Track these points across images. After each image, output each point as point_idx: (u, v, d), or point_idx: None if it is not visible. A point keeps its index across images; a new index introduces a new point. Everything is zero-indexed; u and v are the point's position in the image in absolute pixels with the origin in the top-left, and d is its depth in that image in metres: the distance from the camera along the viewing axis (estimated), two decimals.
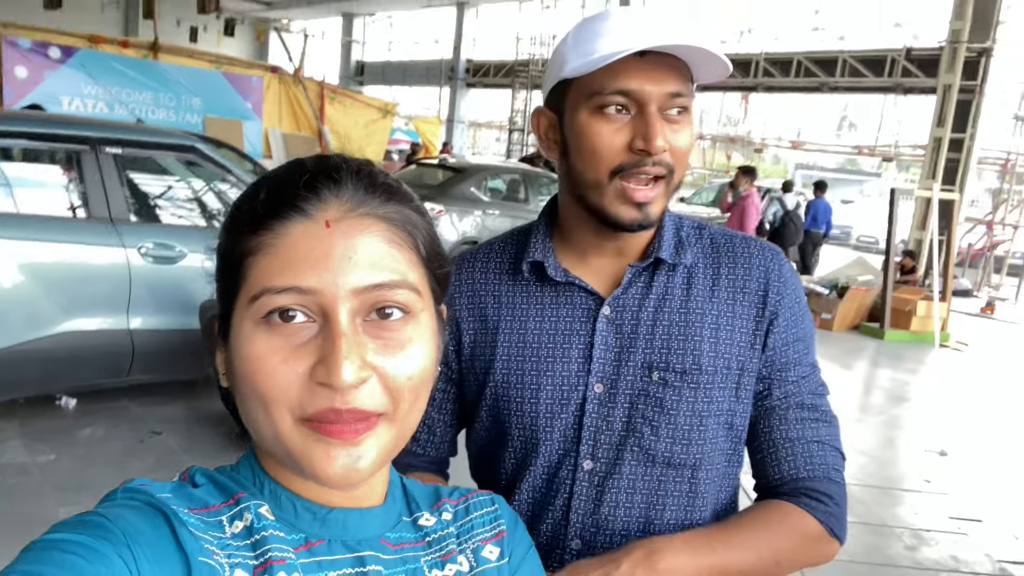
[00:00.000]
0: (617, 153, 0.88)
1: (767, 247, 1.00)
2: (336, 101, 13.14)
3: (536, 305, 0.99)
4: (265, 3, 24.24)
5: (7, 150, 4.00)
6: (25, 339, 3.43)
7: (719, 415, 0.95)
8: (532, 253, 0.99)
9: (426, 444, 1.09)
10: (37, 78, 10.15)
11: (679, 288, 0.96)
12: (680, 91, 0.87)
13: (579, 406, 0.95)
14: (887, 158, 16.33)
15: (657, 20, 0.87)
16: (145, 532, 0.48)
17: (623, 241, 0.96)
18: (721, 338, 0.94)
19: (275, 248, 0.52)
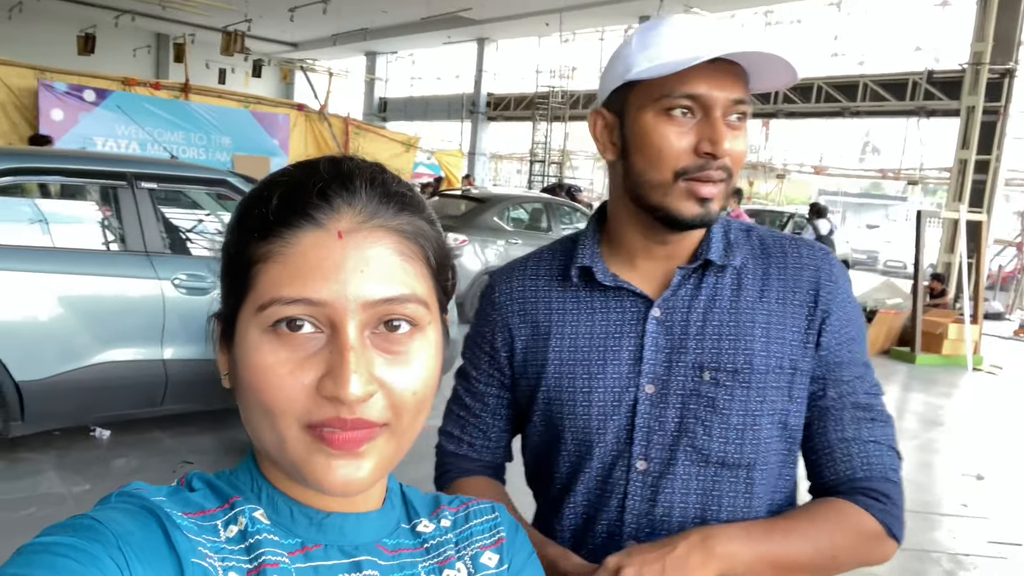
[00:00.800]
0: (682, 155, 0.90)
1: (817, 247, 1.01)
2: (360, 136, 13.38)
3: (586, 310, 1.01)
4: (291, 45, 24.87)
5: (46, 186, 4.14)
6: (62, 370, 3.51)
7: (772, 415, 0.95)
8: (580, 259, 1.01)
9: (482, 449, 1.11)
10: (72, 120, 10.48)
11: (728, 289, 0.97)
12: (742, 98, 0.90)
13: (631, 407, 0.96)
14: (912, 181, 16.21)
15: (721, 28, 0.89)
16: (136, 534, 0.48)
17: (673, 244, 0.98)
18: (772, 337, 0.95)
19: (285, 257, 0.52)
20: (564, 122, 19.53)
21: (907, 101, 14.38)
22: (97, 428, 4.14)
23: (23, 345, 3.40)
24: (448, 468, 1.13)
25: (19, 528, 3.08)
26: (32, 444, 3.88)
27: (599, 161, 22.71)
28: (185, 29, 16.22)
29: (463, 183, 15.16)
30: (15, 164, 3.57)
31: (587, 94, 19.40)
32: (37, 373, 3.44)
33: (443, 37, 21.38)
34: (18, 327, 3.40)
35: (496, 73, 22.40)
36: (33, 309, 3.44)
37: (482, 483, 1.09)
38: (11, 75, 10.09)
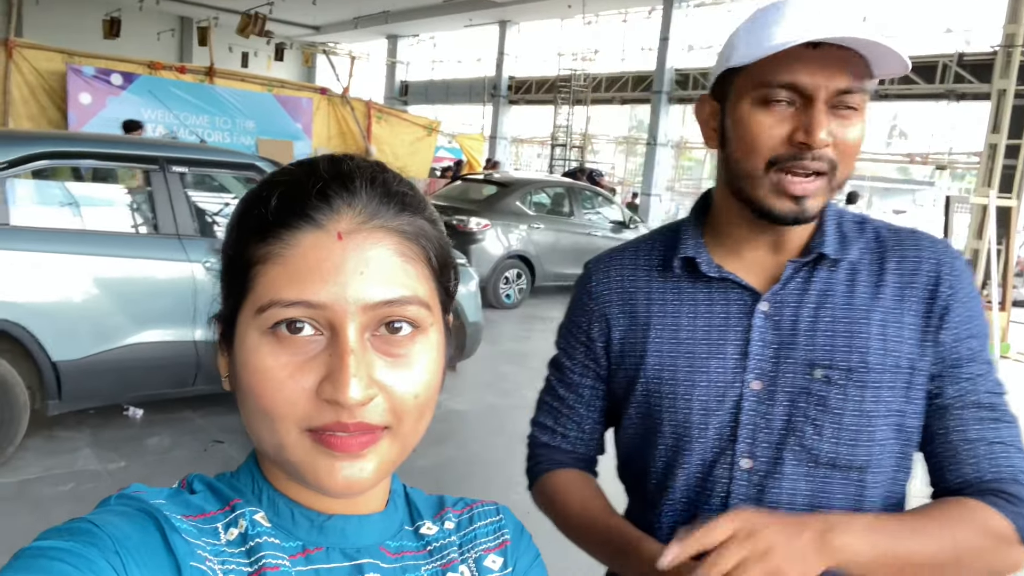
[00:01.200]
0: (776, 145, 0.86)
1: (938, 241, 0.96)
2: (382, 120, 13.41)
3: (688, 302, 0.98)
4: (313, 28, 24.88)
5: (78, 170, 4.21)
6: (97, 351, 3.59)
7: (888, 416, 0.91)
8: (683, 249, 0.98)
9: (575, 441, 1.09)
10: (100, 104, 10.59)
11: (842, 284, 0.93)
12: (851, 88, 0.84)
13: (735, 403, 0.93)
14: (940, 166, 15.94)
15: (832, 11, 0.84)
16: (134, 537, 0.48)
17: (779, 235, 0.94)
18: (889, 335, 0.90)
19: (284, 258, 0.51)
20: (586, 105, 19.40)
21: (936, 84, 14.12)
22: (130, 407, 4.24)
23: (60, 326, 3.48)
24: (540, 460, 1.11)
25: (60, 502, 3.17)
26: (68, 422, 3.98)
27: (620, 145, 22.58)
28: (209, 12, 16.28)
29: (486, 167, 15.15)
30: (49, 148, 3.64)
31: (609, 77, 19.25)
32: (73, 353, 3.52)
33: (464, 19, 21.28)
34: (55, 308, 3.48)
35: (518, 56, 22.27)
36: (69, 291, 3.52)
37: (574, 476, 1.07)
38: (40, 59, 10.22)
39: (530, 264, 8.83)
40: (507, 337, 7.23)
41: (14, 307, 3.35)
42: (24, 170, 3.53)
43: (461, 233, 8.23)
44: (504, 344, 6.91)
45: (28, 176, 3.69)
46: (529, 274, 8.86)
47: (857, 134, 0.87)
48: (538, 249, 8.82)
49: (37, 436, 3.77)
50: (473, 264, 6.05)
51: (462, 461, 4.11)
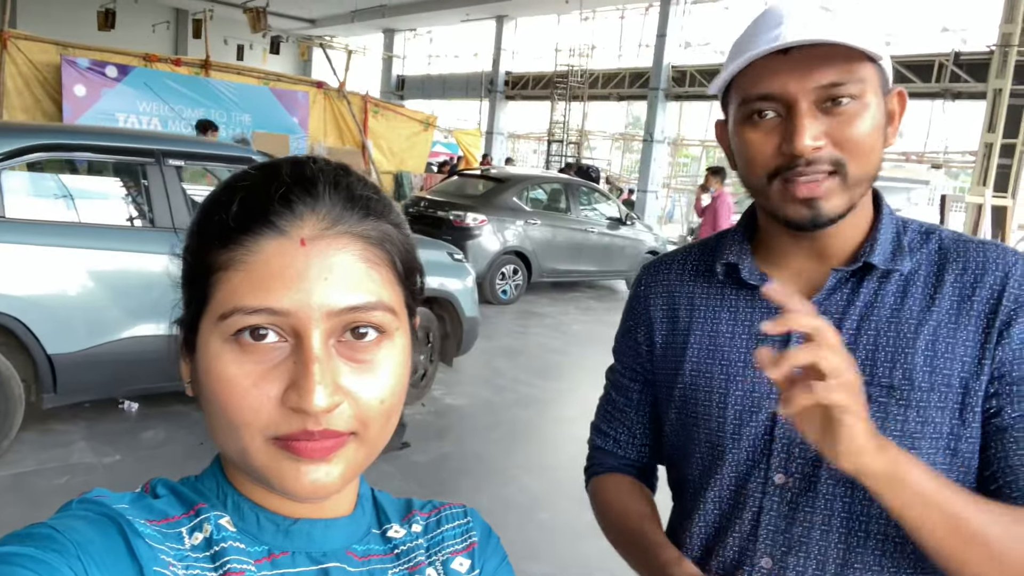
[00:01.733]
0: (770, 158, 0.84)
1: (1009, 250, 0.88)
2: (379, 115, 13.37)
3: (729, 308, 0.96)
4: (309, 21, 24.79)
5: (73, 162, 4.18)
6: (92, 344, 3.58)
7: (937, 438, 0.84)
8: (727, 255, 0.96)
9: (626, 446, 1.08)
10: (95, 96, 10.54)
11: (891, 296, 0.88)
12: (837, 80, 0.80)
13: (771, 416, 0.90)
14: (935, 165, 15.98)
15: (797, 13, 0.82)
16: (96, 542, 0.47)
17: (818, 242, 0.90)
18: (939, 351, 0.84)
19: (247, 265, 0.50)
20: (583, 101, 19.39)
21: (932, 83, 14.14)
22: (126, 401, 4.22)
23: (55, 319, 3.47)
24: (593, 463, 1.11)
25: (54, 495, 3.17)
26: (63, 416, 3.96)
27: (617, 141, 22.58)
28: (204, 5, 16.20)
29: (483, 163, 15.13)
30: (44, 140, 3.62)
31: (606, 73, 19.24)
32: (69, 346, 3.51)
33: (461, 14, 21.23)
34: (51, 301, 3.46)
35: (515, 51, 22.24)
36: (65, 284, 3.51)
37: (619, 481, 1.06)
38: (34, 50, 10.15)
39: (527, 260, 8.82)
40: (503, 333, 7.23)
41: (10, 300, 3.34)
42: (19, 162, 3.51)
43: (458, 229, 8.22)
44: (501, 340, 6.91)
45: (23, 168, 3.66)
46: (526, 270, 8.86)
47: (861, 127, 0.82)
48: (535, 245, 8.82)
49: (32, 429, 3.75)
50: (470, 260, 6.04)
51: (459, 456, 4.12)
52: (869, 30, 0.82)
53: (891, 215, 0.93)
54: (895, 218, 0.93)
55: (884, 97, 0.86)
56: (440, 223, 8.37)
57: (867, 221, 0.92)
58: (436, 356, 4.99)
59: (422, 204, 9.03)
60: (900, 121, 0.90)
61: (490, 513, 0.74)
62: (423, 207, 8.92)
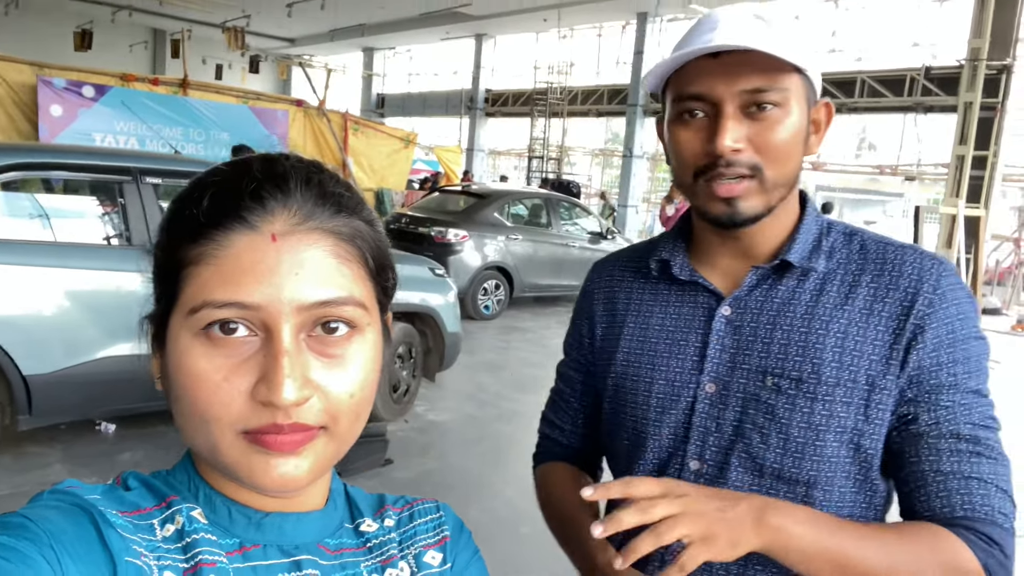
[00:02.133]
0: (697, 156, 0.88)
1: (929, 256, 0.91)
2: (359, 132, 13.37)
3: (661, 302, 1.00)
4: (288, 40, 24.81)
5: (49, 181, 4.14)
6: (68, 364, 3.52)
7: (841, 432, 0.87)
8: (660, 252, 1.01)
9: (570, 435, 1.12)
10: (71, 116, 10.46)
11: (808, 294, 0.91)
12: (762, 86, 0.84)
13: (690, 404, 0.94)
14: (909, 177, 16.24)
15: (731, 20, 0.86)
16: (69, 531, 0.47)
17: (744, 240, 0.94)
18: (848, 348, 0.87)
19: (217, 260, 0.50)
20: (562, 118, 19.52)
21: (904, 97, 14.41)
22: (103, 422, 4.16)
23: (30, 339, 3.42)
24: (540, 451, 1.15)
25: None
26: (39, 438, 3.89)
27: (596, 157, 22.74)
28: (182, 25, 16.18)
29: (463, 179, 15.17)
30: (19, 159, 3.58)
31: (585, 90, 19.40)
32: (44, 367, 3.46)
33: (441, 33, 21.35)
34: (25, 321, 3.41)
35: (494, 69, 22.39)
36: (39, 304, 3.46)
37: (562, 469, 1.09)
38: (9, 71, 10.07)
39: (508, 275, 8.83)
40: (486, 348, 7.21)
41: None
42: None
43: (439, 244, 8.22)
44: (483, 355, 6.89)
45: None
46: (507, 285, 8.86)
47: (780, 134, 0.86)
48: (516, 260, 8.83)
49: (7, 453, 3.68)
50: (452, 275, 6.04)
51: (443, 472, 4.09)
52: (799, 42, 0.86)
53: (816, 217, 0.96)
54: (820, 220, 0.97)
55: (810, 108, 0.90)
56: (422, 239, 8.37)
57: (791, 221, 0.96)
58: (419, 372, 4.96)
59: (403, 220, 9.02)
60: (826, 131, 0.94)
61: (476, 527, 0.74)
62: (404, 223, 8.91)
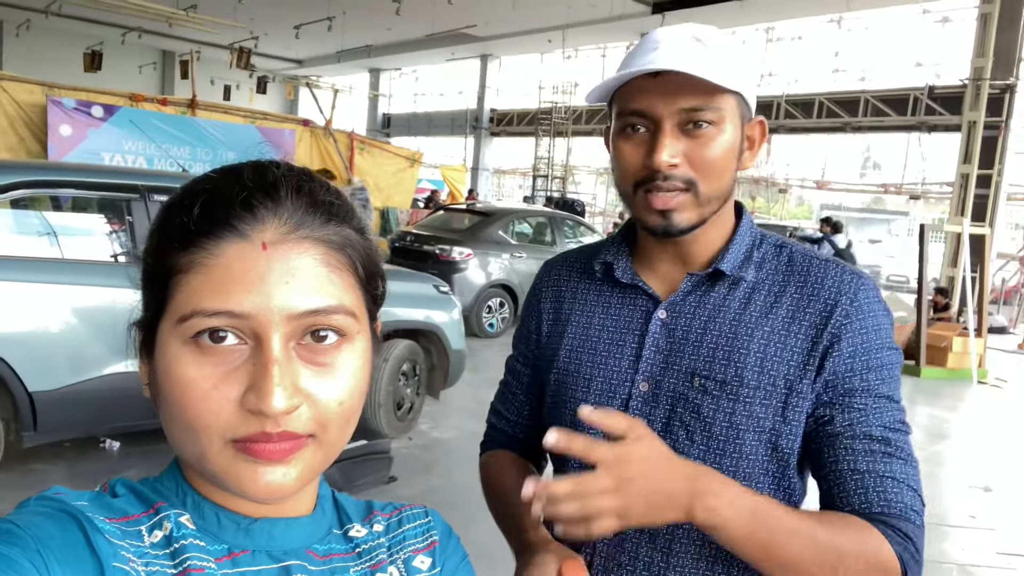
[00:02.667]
0: (636, 169, 0.93)
1: (850, 271, 0.97)
2: (365, 151, 13.45)
3: (604, 304, 1.05)
4: (296, 61, 25.07)
5: (58, 199, 4.18)
6: (74, 381, 3.53)
7: (760, 432, 0.93)
8: (604, 255, 1.06)
9: (515, 425, 1.17)
10: (81, 135, 10.54)
11: (737, 302, 0.97)
12: (698, 105, 0.89)
13: (624, 402, 0.99)
14: (914, 196, 16.25)
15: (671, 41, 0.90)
16: (56, 537, 0.47)
17: (682, 248, 0.99)
18: (769, 354, 0.93)
19: (207, 268, 0.50)
20: (567, 137, 19.63)
21: (908, 116, 14.46)
22: (107, 439, 4.16)
23: (36, 356, 3.43)
24: (487, 439, 1.21)
25: None
26: (43, 455, 3.89)
27: (601, 176, 22.82)
28: (191, 46, 16.37)
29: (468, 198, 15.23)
30: (27, 177, 3.61)
31: (589, 110, 19.51)
32: (49, 384, 3.46)
33: (447, 54, 21.55)
34: (31, 338, 3.43)
35: (499, 89, 22.55)
36: (46, 320, 3.47)
37: (504, 457, 1.15)
38: (20, 91, 10.17)
39: (513, 293, 8.84)
40: (490, 366, 7.20)
41: None
42: (2, 199, 3.50)
43: (444, 262, 8.24)
44: (487, 372, 6.88)
45: (6, 205, 3.65)
46: (512, 303, 8.86)
47: (712, 151, 0.91)
48: (520, 278, 8.84)
49: (11, 469, 3.68)
50: (456, 293, 6.04)
51: (447, 490, 4.07)
52: (735, 64, 0.91)
53: (750, 229, 1.02)
54: (754, 232, 1.02)
55: (744, 125, 0.95)
56: (426, 257, 8.39)
57: (727, 232, 1.01)
58: (423, 389, 4.96)
59: (408, 238, 9.05)
60: (760, 147, 1.00)
61: (479, 546, 0.74)
62: (409, 241, 8.94)
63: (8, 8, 19.35)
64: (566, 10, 15.59)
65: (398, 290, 4.82)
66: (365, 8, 16.98)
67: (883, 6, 14.68)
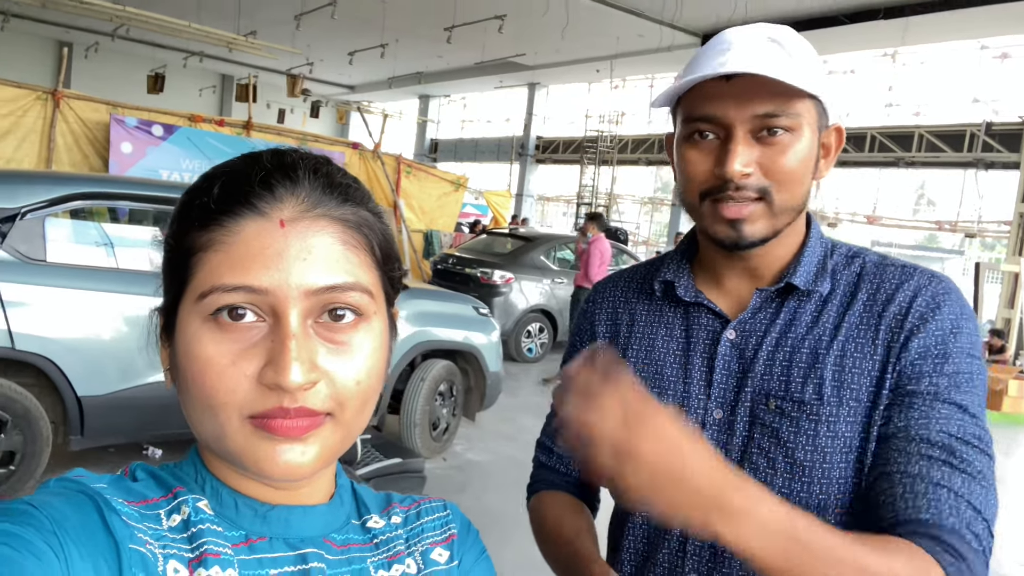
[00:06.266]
0: (704, 178, 0.88)
1: (930, 274, 0.89)
2: (411, 175, 13.65)
3: (666, 324, 0.99)
4: (348, 87, 25.69)
5: (115, 211, 4.32)
6: (121, 387, 3.62)
7: (847, 452, 0.85)
8: (664, 273, 1.00)
9: (568, 462, 1.06)
10: (140, 153, 10.94)
11: (808, 315, 0.90)
12: (773, 111, 0.83)
13: (699, 427, 0.92)
14: (970, 234, 15.80)
15: (745, 42, 0.85)
16: (72, 518, 0.47)
17: (751, 262, 0.93)
18: (847, 367, 0.86)
19: (226, 245, 0.51)
20: (612, 166, 19.64)
21: (964, 152, 14.12)
22: (150, 447, 4.24)
23: (86, 361, 3.53)
24: (535, 480, 1.11)
25: None
26: (88, 459, 3.99)
27: (645, 205, 22.73)
28: (249, 71, 16.92)
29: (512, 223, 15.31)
30: (85, 189, 3.75)
31: (635, 139, 19.53)
32: (98, 389, 3.56)
33: (495, 81, 21.83)
34: (83, 344, 3.53)
35: (546, 117, 22.73)
36: (98, 327, 3.58)
37: (560, 498, 1.05)
38: (85, 109, 10.61)
39: (552, 318, 8.81)
40: (527, 391, 7.17)
41: (45, 342, 3.41)
42: (61, 209, 3.64)
43: (485, 285, 8.27)
44: (524, 397, 6.85)
45: (66, 216, 3.79)
46: (551, 328, 8.84)
47: (790, 159, 0.85)
48: (561, 304, 8.82)
49: (57, 472, 3.77)
50: (496, 317, 6.05)
51: (479, 511, 4.03)
52: (812, 66, 0.85)
53: (820, 238, 0.96)
54: (824, 241, 0.96)
55: (820, 132, 0.89)
56: (468, 279, 8.44)
57: (797, 244, 0.94)
58: (459, 410, 4.95)
59: (450, 261, 9.12)
60: (836, 155, 0.93)
61: (511, 570, 0.71)
62: (451, 264, 9.01)
63: (78, 31, 20.29)
64: (615, 41, 15.70)
65: (437, 310, 4.84)
66: (417, 36, 17.36)
67: (939, 41, 14.44)
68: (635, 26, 14.32)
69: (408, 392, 4.62)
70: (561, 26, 14.46)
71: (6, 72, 11.00)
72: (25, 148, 9.25)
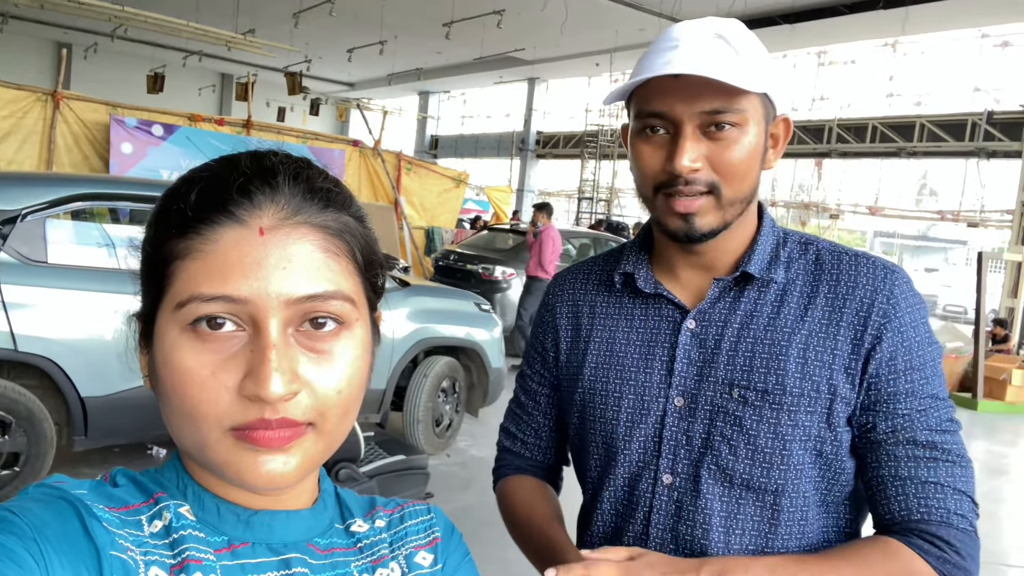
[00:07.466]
0: (656, 172, 0.90)
1: (883, 265, 0.93)
2: (412, 172, 13.64)
3: (626, 316, 1.01)
4: (348, 84, 25.65)
5: (116, 211, 4.32)
6: (124, 388, 3.62)
7: (805, 440, 0.89)
8: (624, 265, 1.02)
9: (533, 448, 1.13)
10: (141, 153, 10.94)
11: (769, 305, 0.93)
12: (720, 107, 0.86)
13: (659, 418, 0.95)
14: (972, 223, 15.76)
15: (692, 40, 0.86)
16: (53, 525, 0.46)
17: (705, 253, 0.96)
18: (810, 359, 0.89)
19: (204, 254, 0.50)
20: (612, 160, 19.61)
21: (966, 142, 14.07)
22: (154, 446, 4.25)
23: (89, 362, 3.53)
24: (501, 464, 1.16)
25: None
26: (92, 460, 4.00)
27: None
28: (248, 69, 16.90)
29: (512, 219, 15.30)
30: (85, 190, 3.75)
31: None
32: (101, 389, 3.56)
33: (495, 77, 21.79)
34: (86, 345, 3.53)
35: (546, 112, 22.69)
36: (100, 328, 3.58)
37: (527, 482, 1.10)
38: (85, 110, 10.62)
39: None
40: None
41: (47, 343, 3.41)
42: (62, 210, 3.64)
43: (486, 281, 8.27)
44: None
45: (66, 217, 3.79)
46: None
47: (737, 153, 0.88)
48: None
49: (61, 472, 3.78)
50: (498, 312, 6.05)
51: (484, 508, 4.04)
52: (757, 60, 0.87)
53: (772, 228, 0.98)
54: (776, 230, 0.99)
55: (768, 124, 0.92)
56: (469, 276, 8.44)
57: (749, 234, 0.97)
58: (462, 406, 4.96)
59: (452, 257, 9.12)
60: (784, 144, 0.96)
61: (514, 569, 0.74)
62: (453, 260, 9.01)
63: (77, 32, 20.27)
64: (614, 34, 15.65)
65: (439, 307, 4.85)
66: (416, 32, 17.32)
67: (940, 30, 14.38)
68: (634, 19, 14.26)
69: (411, 389, 4.62)
70: (560, 20, 14.41)
71: (6, 74, 11.00)
72: (26, 150, 9.26)
